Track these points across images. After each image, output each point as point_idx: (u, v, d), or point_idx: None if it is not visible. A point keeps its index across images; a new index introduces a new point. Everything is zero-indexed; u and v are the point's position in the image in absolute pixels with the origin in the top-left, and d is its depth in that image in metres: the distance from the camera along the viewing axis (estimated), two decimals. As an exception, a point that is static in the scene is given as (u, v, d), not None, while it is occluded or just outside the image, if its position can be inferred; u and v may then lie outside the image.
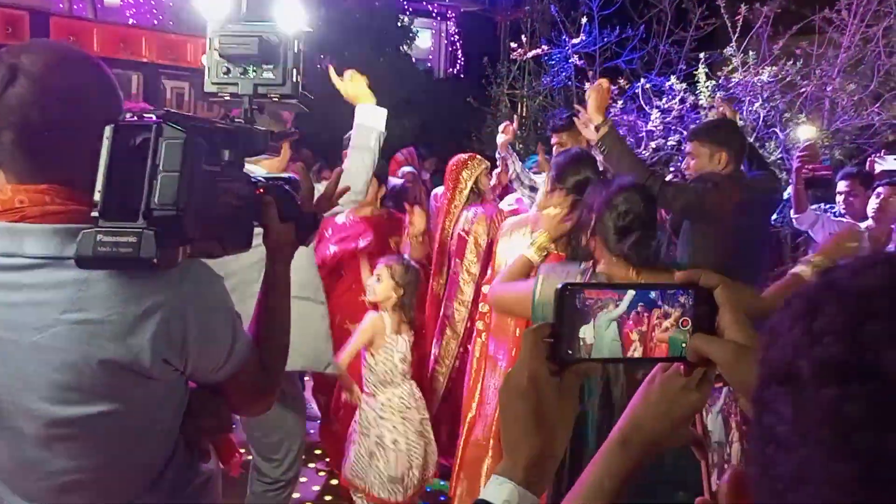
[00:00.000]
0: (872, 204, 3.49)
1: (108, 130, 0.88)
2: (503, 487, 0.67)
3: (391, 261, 2.84)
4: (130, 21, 8.21)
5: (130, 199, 0.86)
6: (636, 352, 0.71)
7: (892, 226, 3.38)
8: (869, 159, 4.35)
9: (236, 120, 1.16)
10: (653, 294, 0.71)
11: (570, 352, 0.70)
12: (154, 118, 0.90)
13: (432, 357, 3.42)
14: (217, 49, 1.16)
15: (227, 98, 1.19)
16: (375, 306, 2.87)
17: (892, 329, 0.36)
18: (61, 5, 6.89)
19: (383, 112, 2.54)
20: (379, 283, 2.79)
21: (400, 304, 2.78)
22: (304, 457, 2.61)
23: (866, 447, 0.35)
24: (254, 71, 1.17)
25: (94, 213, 0.87)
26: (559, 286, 0.70)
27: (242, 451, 1.52)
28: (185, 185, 0.87)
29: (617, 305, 0.70)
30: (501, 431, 0.72)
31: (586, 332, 0.70)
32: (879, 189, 3.49)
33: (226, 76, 1.18)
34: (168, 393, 1.05)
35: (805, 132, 3.38)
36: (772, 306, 2.05)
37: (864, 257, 0.42)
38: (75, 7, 7.15)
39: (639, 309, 0.70)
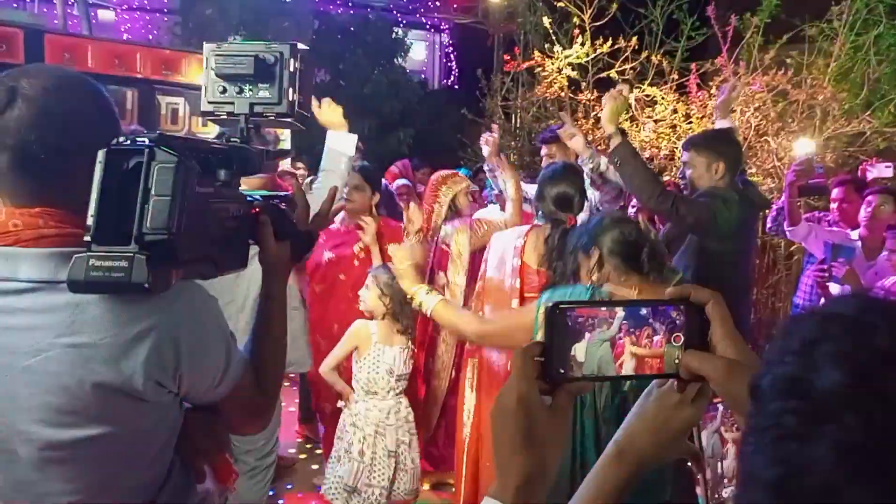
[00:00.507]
0: (863, 213, 3.51)
1: (101, 154, 0.89)
2: None
3: (378, 270, 2.85)
4: (125, 37, 8.25)
5: (123, 224, 0.86)
6: (628, 369, 0.71)
7: (885, 233, 3.40)
8: (861, 166, 4.38)
9: (231, 139, 1.16)
10: (644, 311, 0.71)
11: (561, 370, 0.69)
12: (147, 141, 0.90)
13: (429, 371, 3.42)
14: (213, 68, 1.17)
15: (224, 117, 1.20)
16: (372, 316, 2.88)
17: (837, 350, 0.39)
18: (56, 22, 6.92)
19: (353, 138, 2.66)
20: (368, 292, 2.81)
21: (390, 313, 2.77)
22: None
23: (789, 456, 0.38)
24: (250, 90, 1.17)
25: (87, 238, 0.87)
26: (548, 305, 0.70)
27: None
28: (177, 209, 0.87)
29: (607, 323, 0.70)
30: (493, 452, 0.71)
31: (577, 350, 0.70)
32: (869, 197, 3.51)
33: (222, 95, 1.18)
34: (162, 415, 1.05)
35: (802, 146, 3.42)
36: None
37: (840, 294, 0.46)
38: (70, 24, 7.18)
39: (630, 326, 0.70)
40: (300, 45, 1.21)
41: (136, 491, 1.06)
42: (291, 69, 1.18)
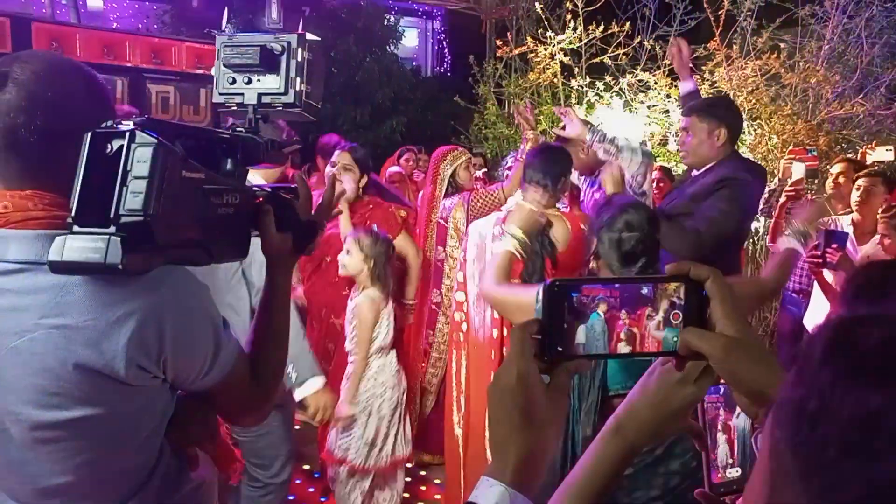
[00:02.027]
0: (854, 197, 3.51)
1: (86, 137, 0.90)
2: (493, 490, 0.65)
3: (358, 233, 2.83)
4: (114, 25, 8.16)
5: (104, 206, 0.87)
6: (626, 347, 0.70)
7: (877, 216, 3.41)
8: (861, 150, 4.36)
9: (237, 129, 1.16)
10: (643, 289, 0.70)
11: (559, 349, 0.69)
12: (133, 124, 0.90)
13: (426, 343, 3.45)
14: (223, 59, 1.17)
15: (235, 108, 1.19)
16: (350, 282, 2.87)
17: (837, 373, 0.36)
18: (44, 10, 6.84)
19: None
20: (349, 256, 2.79)
21: (374, 276, 2.77)
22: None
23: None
24: (258, 80, 1.17)
25: (69, 219, 0.88)
26: (546, 282, 0.69)
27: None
28: (154, 192, 0.87)
29: (606, 301, 0.69)
30: (490, 431, 0.70)
31: (575, 329, 0.69)
32: (860, 182, 3.51)
33: (232, 86, 1.18)
34: (149, 399, 1.05)
35: (796, 171, 3.43)
36: (774, 284, 2.10)
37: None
38: (58, 12, 7.10)
39: (629, 304, 0.69)
40: (309, 35, 1.20)
41: (126, 474, 1.07)
42: (299, 59, 1.17)
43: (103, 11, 8.70)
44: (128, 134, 0.89)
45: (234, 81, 1.18)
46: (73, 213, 0.88)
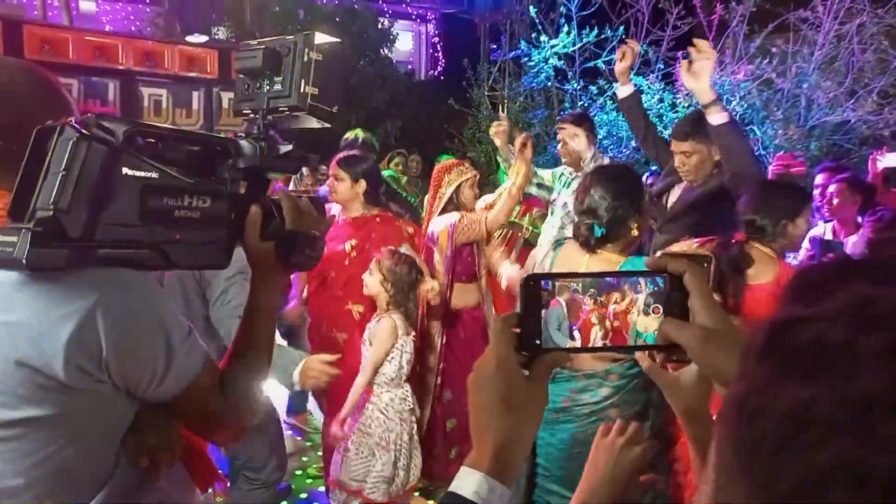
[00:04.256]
0: (832, 202, 3.53)
1: (34, 134, 0.89)
2: (471, 478, 0.67)
3: (382, 254, 2.80)
4: (107, 28, 8.14)
5: (30, 201, 0.87)
6: (605, 340, 0.70)
7: (860, 220, 3.42)
8: (871, 157, 4.32)
9: (238, 135, 1.13)
10: (622, 283, 0.71)
11: (537, 342, 0.70)
12: (74, 120, 0.88)
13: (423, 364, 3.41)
14: (236, 65, 1.15)
15: (250, 114, 1.16)
16: (373, 303, 2.83)
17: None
18: (36, 13, 6.81)
19: None
20: (370, 277, 2.77)
21: (394, 301, 2.74)
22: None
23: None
24: (267, 84, 1.14)
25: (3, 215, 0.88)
26: (524, 277, 0.70)
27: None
28: (69, 186, 0.85)
29: (583, 295, 0.70)
30: (470, 420, 0.71)
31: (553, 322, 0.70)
32: (832, 188, 3.53)
33: (246, 92, 1.16)
34: (97, 404, 1.02)
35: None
36: None
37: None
38: (50, 14, 7.07)
39: (607, 297, 0.70)
40: (322, 36, 1.16)
41: (78, 481, 1.04)
42: (304, 59, 1.12)
43: (96, 14, 8.68)
44: (57, 129, 0.88)
45: (248, 87, 1.15)
46: (9, 209, 0.88)
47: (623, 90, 3.27)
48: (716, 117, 2.60)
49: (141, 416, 1.10)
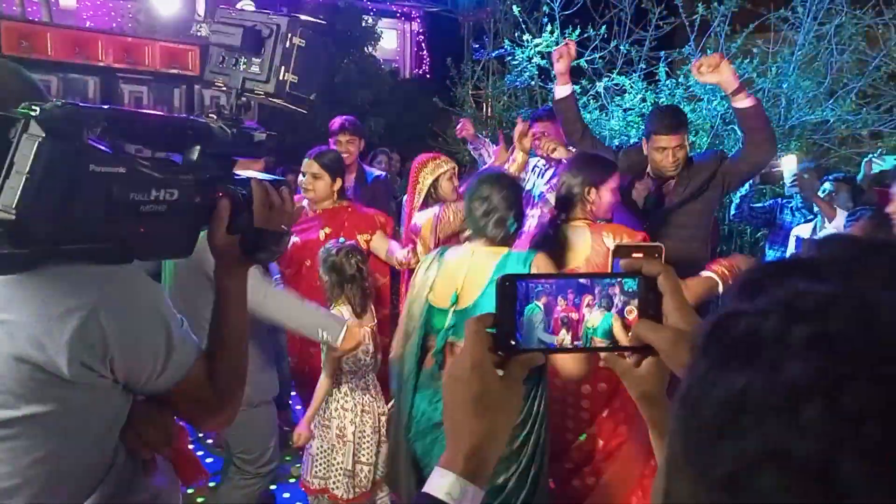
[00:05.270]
0: (826, 200, 3.59)
1: None
2: (444, 479, 0.67)
3: (326, 246, 2.80)
4: (87, 24, 8.04)
5: None
6: (577, 342, 0.71)
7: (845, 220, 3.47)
8: (866, 161, 4.35)
9: (209, 114, 1.08)
10: (596, 284, 0.71)
11: (511, 342, 0.70)
12: (38, 109, 0.83)
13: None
14: (211, 35, 1.09)
15: (223, 88, 1.11)
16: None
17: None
18: (15, 8, 6.70)
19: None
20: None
21: (336, 289, 2.72)
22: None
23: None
24: (244, 63, 1.09)
25: None
26: (499, 277, 0.70)
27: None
28: (32, 188, 0.80)
29: (557, 296, 0.70)
30: (444, 420, 0.71)
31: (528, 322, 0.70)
32: (826, 185, 3.60)
33: (221, 65, 1.10)
34: (98, 399, 1.02)
35: (787, 164, 3.62)
36: (695, 298, 2.24)
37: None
38: (29, 10, 6.97)
39: (582, 298, 0.70)
40: (304, 18, 1.11)
41: (77, 476, 1.04)
42: (287, 45, 1.07)
43: (76, 10, 8.57)
44: (22, 122, 0.83)
45: (223, 60, 1.10)
46: None
47: (560, 90, 3.27)
48: (744, 102, 2.73)
49: (137, 409, 1.10)
